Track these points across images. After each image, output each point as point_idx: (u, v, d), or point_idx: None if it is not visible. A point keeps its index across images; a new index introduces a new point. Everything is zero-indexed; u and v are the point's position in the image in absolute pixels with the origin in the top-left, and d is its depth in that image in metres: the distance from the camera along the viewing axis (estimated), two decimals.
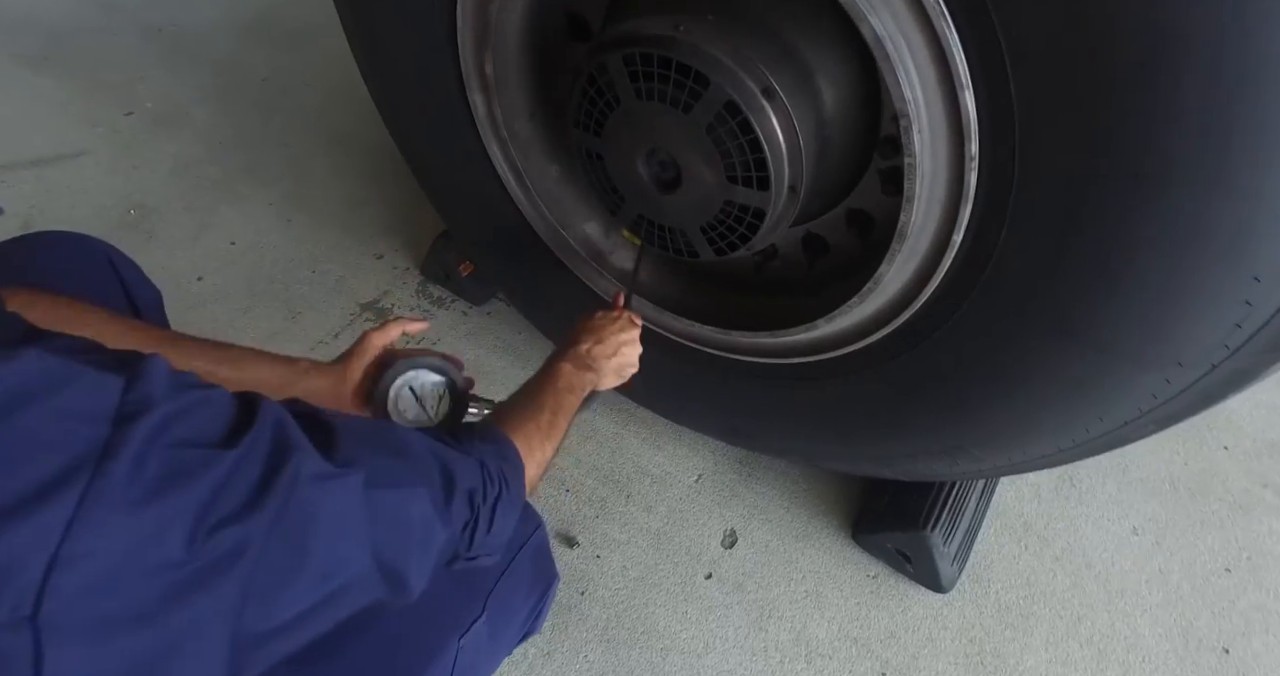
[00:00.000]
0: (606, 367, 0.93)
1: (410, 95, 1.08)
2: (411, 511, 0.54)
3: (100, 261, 0.81)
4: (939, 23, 0.63)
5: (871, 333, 0.94)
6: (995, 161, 0.71)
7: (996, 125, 0.68)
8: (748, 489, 1.39)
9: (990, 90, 0.66)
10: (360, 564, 0.49)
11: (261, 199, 1.64)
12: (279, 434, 0.45)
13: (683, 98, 0.78)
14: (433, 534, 0.56)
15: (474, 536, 0.62)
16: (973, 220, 0.76)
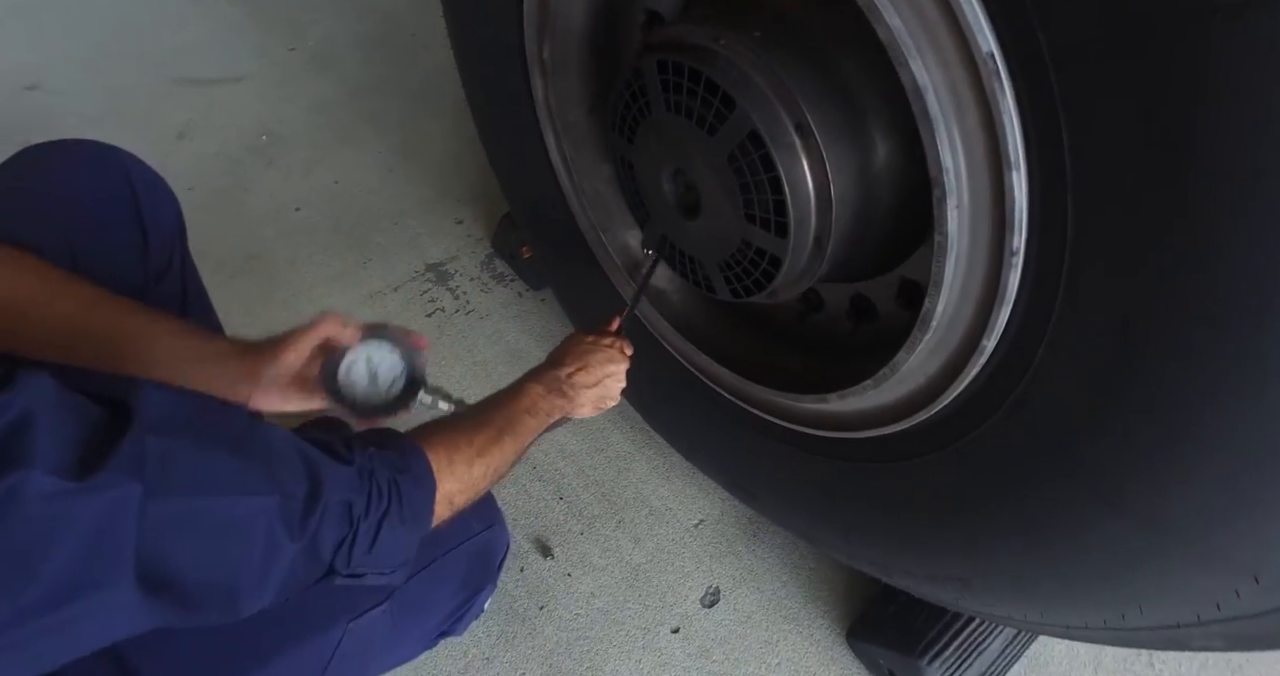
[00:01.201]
0: (584, 397, 0.86)
1: (483, 68, 1.07)
2: (245, 520, 0.49)
3: (117, 177, 0.82)
4: (991, 82, 0.50)
5: (880, 425, 0.81)
6: (1042, 264, 0.56)
7: (1048, 220, 0.54)
8: (748, 549, 1.28)
9: (1045, 176, 0.52)
10: (112, 589, 0.42)
11: (374, 146, 1.71)
12: (16, 430, 0.39)
13: (709, 117, 0.69)
14: (277, 546, 0.51)
15: (351, 553, 0.56)
16: (1009, 327, 0.62)
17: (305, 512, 0.52)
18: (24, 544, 0.38)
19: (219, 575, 0.48)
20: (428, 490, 0.64)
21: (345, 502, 0.56)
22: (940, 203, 0.58)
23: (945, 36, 0.52)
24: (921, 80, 0.53)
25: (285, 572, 0.52)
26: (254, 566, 0.50)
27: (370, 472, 0.58)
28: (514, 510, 1.29)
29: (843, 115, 0.66)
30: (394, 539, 0.59)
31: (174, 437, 0.46)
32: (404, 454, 0.64)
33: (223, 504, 0.47)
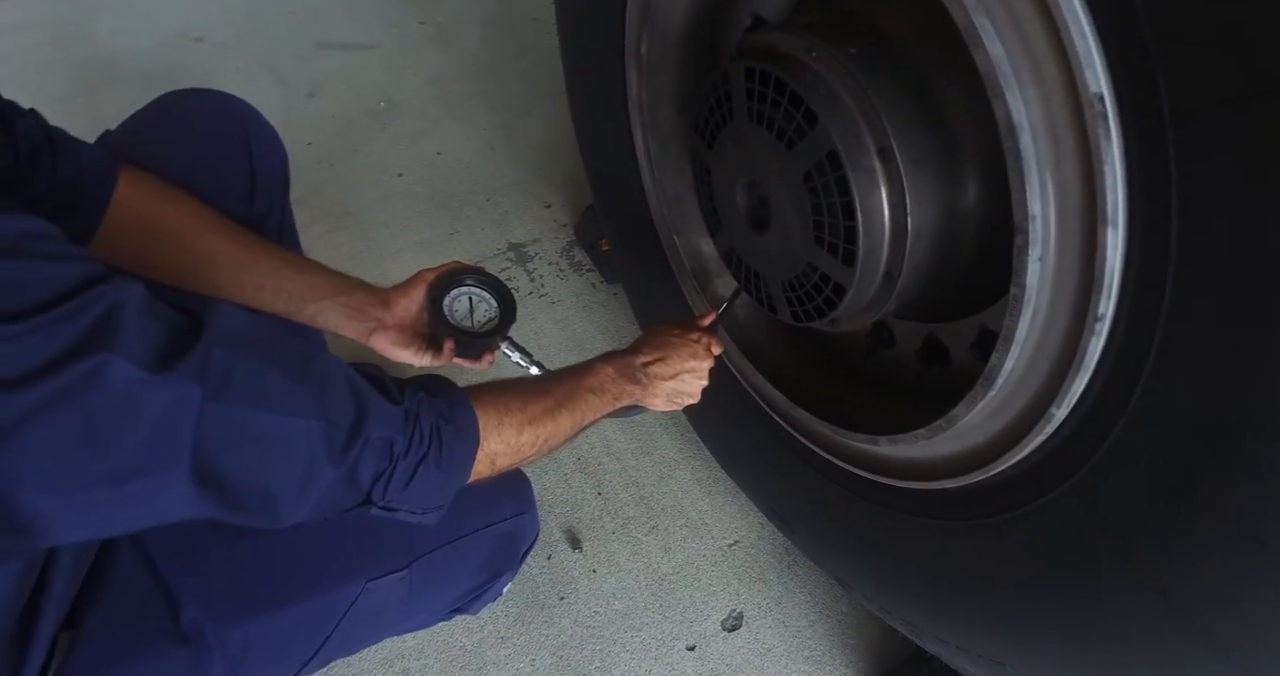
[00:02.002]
0: (658, 388, 0.85)
1: (583, 58, 1.06)
2: (291, 439, 0.52)
3: (236, 126, 0.89)
4: (1096, 127, 0.44)
5: (929, 479, 0.75)
6: (1130, 334, 0.50)
7: (1142, 287, 0.48)
8: (779, 580, 1.23)
9: (1146, 237, 0.46)
10: (170, 475, 0.47)
11: (480, 123, 1.76)
12: (108, 319, 0.44)
13: (789, 131, 0.66)
14: (318, 468, 0.54)
15: (387, 487, 0.59)
16: (1084, 398, 0.56)
17: (347, 443, 0.55)
18: (103, 421, 0.43)
19: (262, 483, 0.52)
20: (470, 444, 0.65)
21: (387, 440, 0.58)
22: (1021, 252, 0.53)
23: (1051, 70, 0.47)
24: (1017, 116, 0.48)
25: (322, 494, 0.56)
26: (294, 482, 0.54)
27: (416, 416, 0.60)
28: (551, 497, 1.30)
29: (931, 146, 0.61)
30: (429, 482, 0.61)
31: (238, 353, 0.50)
32: (453, 405, 0.65)
33: (271, 420, 0.51)
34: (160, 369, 0.45)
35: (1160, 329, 0.48)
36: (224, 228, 0.81)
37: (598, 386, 0.79)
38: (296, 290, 0.82)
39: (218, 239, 0.80)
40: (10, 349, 0.40)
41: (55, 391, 0.41)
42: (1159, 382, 0.50)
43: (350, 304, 0.86)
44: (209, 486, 0.49)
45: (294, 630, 0.74)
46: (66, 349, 0.42)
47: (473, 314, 0.91)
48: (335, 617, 0.78)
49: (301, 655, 0.77)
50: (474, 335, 0.90)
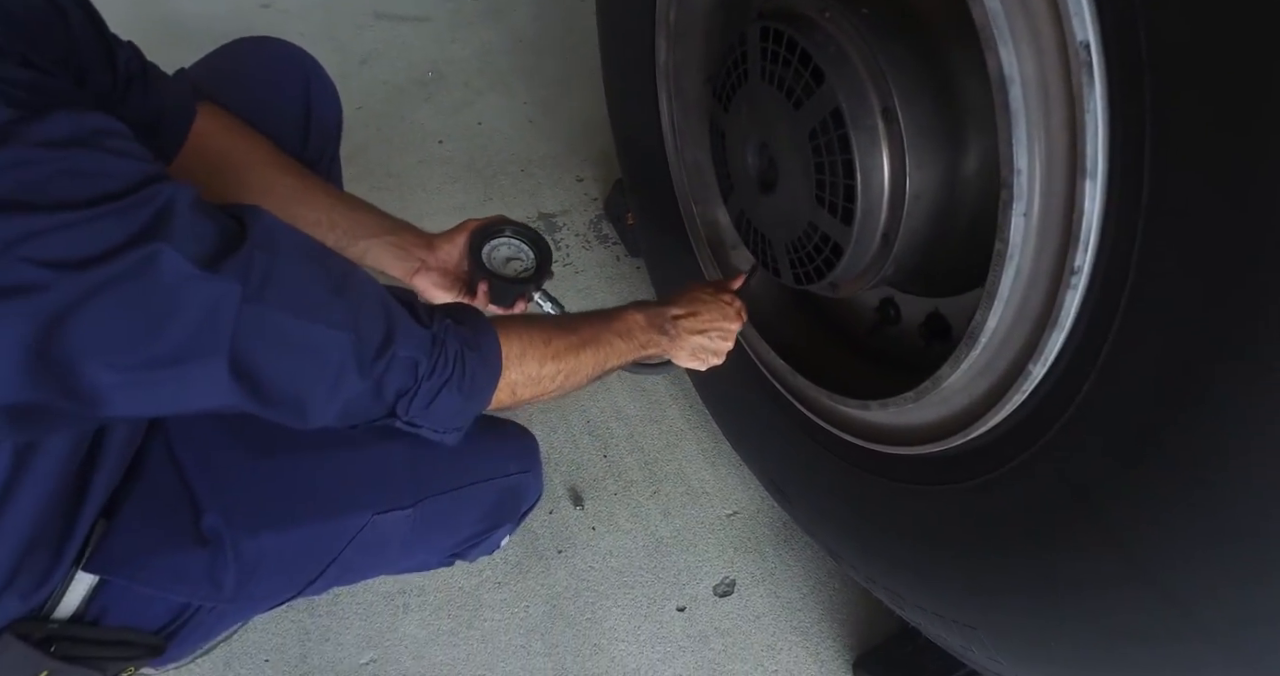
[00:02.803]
0: (686, 342, 0.86)
1: (616, 25, 1.09)
2: (323, 347, 0.56)
3: (297, 73, 0.94)
4: (1080, 76, 0.46)
5: (916, 443, 0.76)
6: (1104, 288, 0.51)
7: (1117, 240, 0.49)
8: (774, 552, 1.25)
9: (1122, 189, 0.47)
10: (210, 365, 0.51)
11: (522, 96, 1.80)
12: (164, 213, 0.47)
13: (797, 90, 0.68)
14: (345, 378, 0.58)
15: (411, 404, 0.63)
16: (1061, 356, 0.57)
17: (375, 357, 0.59)
18: (155, 307, 0.47)
19: (292, 384, 0.56)
20: (492, 372, 0.68)
21: (413, 360, 0.61)
22: (1006, 207, 0.54)
23: (1045, 24, 0.48)
24: (1009, 69, 0.50)
25: (348, 402, 0.59)
26: (322, 388, 0.57)
27: (443, 340, 0.64)
28: (558, 455, 1.33)
29: (934, 109, 0.63)
30: (450, 404, 0.65)
31: (278, 258, 0.54)
32: (478, 333, 0.68)
33: (305, 327, 0.54)
34: (208, 265, 0.49)
35: (1130, 282, 0.49)
36: (285, 163, 0.87)
37: (625, 331, 0.80)
38: (349, 226, 0.88)
39: (279, 173, 0.86)
40: (76, 234, 0.44)
41: (114, 275, 0.45)
42: (1126, 338, 0.51)
43: (397, 243, 0.91)
44: (243, 380, 0.53)
45: (302, 549, 0.79)
46: (126, 237, 0.46)
47: (510, 263, 0.96)
48: (340, 544, 0.82)
49: (306, 575, 0.81)
50: (508, 281, 0.95)
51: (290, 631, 1.15)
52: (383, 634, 1.15)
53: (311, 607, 1.17)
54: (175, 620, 0.73)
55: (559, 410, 1.39)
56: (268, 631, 1.14)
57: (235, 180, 0.83)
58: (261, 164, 0.85)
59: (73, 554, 0.65)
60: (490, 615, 1.18)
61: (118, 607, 0.69)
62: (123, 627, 0.70)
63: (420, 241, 0.93)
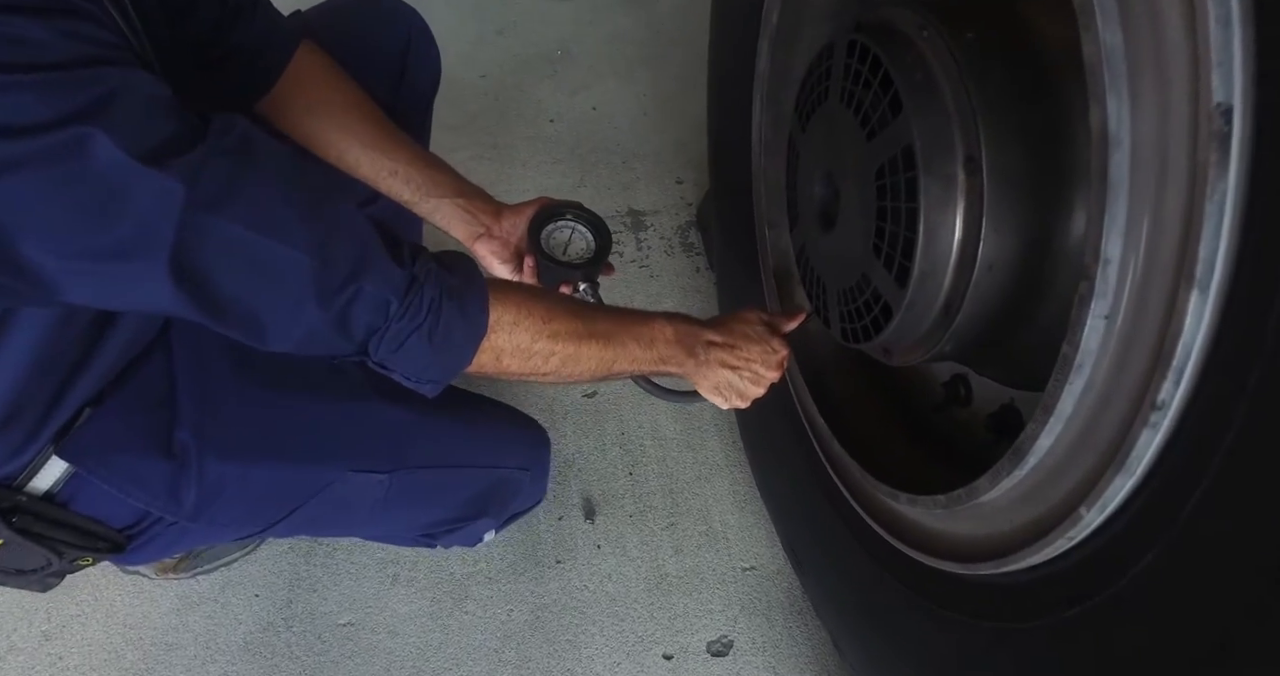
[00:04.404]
0: (712, 374, 0.77)
1: (725, 27, 1.00)
2: (279, 267, 0.53)
3: (399, 31, 0.95)
4: (1208, 151, 0.33)
5: (938, 556, 0.64)
6: (1195, 436, 0.38)
7: (1223, 380, 0.36)
8: (784, 622, 1.13)
9: (1241, 313, 0.34)
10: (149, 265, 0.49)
11: (641, 88, 1.75)
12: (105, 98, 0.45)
13: (873, 119, 0.57)
14: (305, 304, 0.55)
15: (380, 345, 0.60)
16: (1124, 509, 0.43)
17: (339, 287, 0.55)
18: (89, 195, 0.46)
19: (247, 302, 0.54)
20: (472, 328, 0.63)
21: (383, 298, 0.58)
22: (1084, 304, 0.42)
23: (1178, 71, 0.36)
24: (1115, 127, 0.37)
25: (310, 330, 0.57)
26: (280, 311, 0.55)
27: (421, 284, 0.60)
28: (582, 460, 1.27)
29: (1031, 163, 0.50)
30: (419, 352, 0.61)
31: (244, 170, 0.51)
32: (467, 285, 0.63)
33: (263, 243, 0.52)
34: (149, 161, 0.46)
35: (1232, 437, 0.36)
36: (372, 112, 0.87)
37: (647, 337, 0.73)
38: (422, 182, 0.87)
39: (365, 123, 0.86)
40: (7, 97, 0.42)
41: (39, 151, 0.43)
42: (1214, 510, 0.38)
43: (466, 206, 0.90)
44: (189, 287, 0.51)
45: (268, 487, 0.78)
46: (55, 114, 0.44)
47: (567, 246, 0.93)
48: (308, 492, 0.81)
49: (269, 514, 0.80)
50: (555, 262, 0.90)
51: (284, 573, 1.16)
52: (367, 599, 1.14)
53: (309, 554, 1.18)
54: (139, 523, 0.74)
55: (595, 413, 1.33)
56: (264, 568, 1.16)
57: (323, 119, 0.84)
58: (350, 108, 0.85)
59: (49, 435, 0.66)
60: (473, 609, 1.14)
61: (86, 497, 0.70)
62: (87, 517, 0.70)
63: (489, 209, 0.91)
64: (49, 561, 0.68)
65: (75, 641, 1.09)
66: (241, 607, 1.13)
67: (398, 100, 0.97)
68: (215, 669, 1.08)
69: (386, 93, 0.95)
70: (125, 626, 1.11)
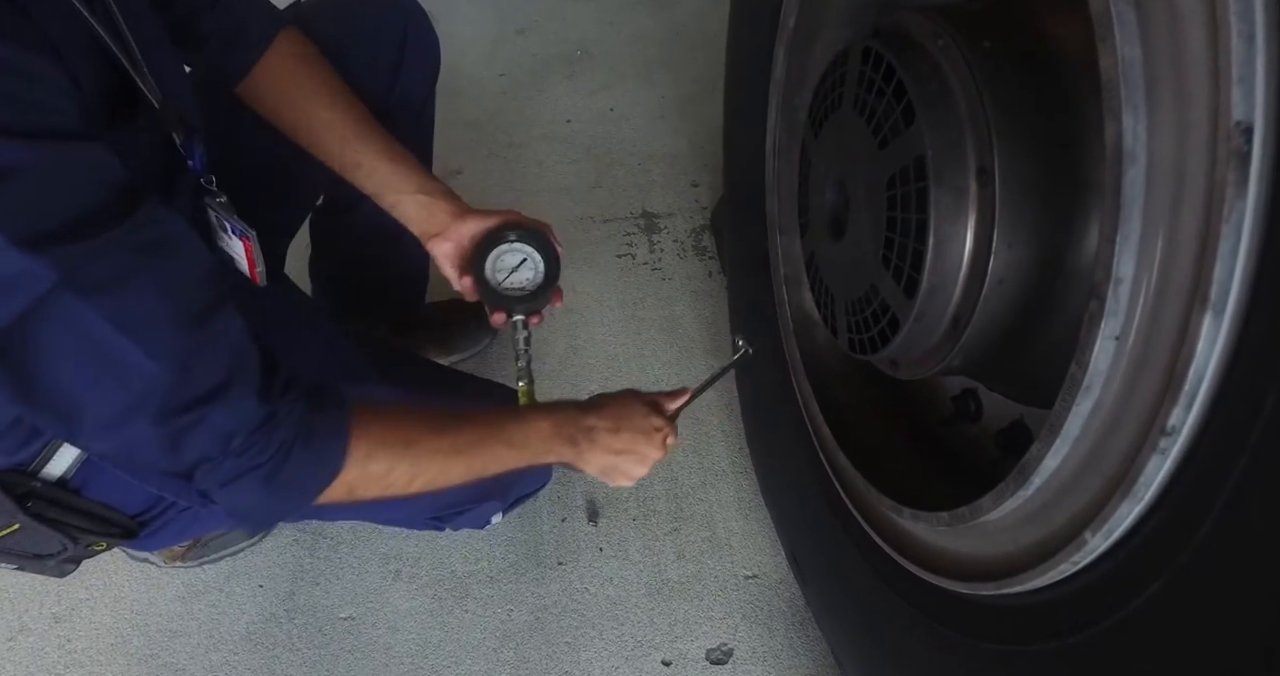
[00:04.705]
0: (595, 459, 0.77)
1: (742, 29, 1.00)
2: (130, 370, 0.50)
3: (395, 24, 0.95)
4: (1226, 170, 0.32)
5: (940, 573, 0.63)
6: (1206, 463, 0.37)
7: (1236, 407, 0.34)
8: (785, 632, 1.12)
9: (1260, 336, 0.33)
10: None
11: (660, 90, 1.74)
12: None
13: (885, 128, 0.56)
14: (138, 415, 0.51)
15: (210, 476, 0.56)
16: (1131, 536, 0.42)
17: (184, 408, 0.52)
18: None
19: (75, 394, 0.50)
20: (319, 473, 0.61)
21: (228, 431, 0.54)
22: (1093, 323, 0.40)
23: (1199, 87, 0.34)
24: (1130, 142, 0.36)
25: (131, 442, 0.53)
26: (106, 411, 0.51)
27: (276, 424, 0.56)
28: None
29: (1047, 177, 0.49)
30: (251, 492, 0.57)
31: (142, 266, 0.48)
32: (328, 428, 0.60)
33: (120, 342, 0.48)
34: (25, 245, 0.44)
35: (1243, 466, 0.34)
36: (349, 104, 0.87)
37: (519, 438, 0.73)
38: (386, 177, 0.86)
39: (339, 113, 0.85)
40: None
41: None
42: (1224, 540, 0.36)
43: (428, 205, 0.87)
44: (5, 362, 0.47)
45: None
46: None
47: (513, 272, 0.88)
48: None
49: None
50: (488, 289, 0.86)
51: (287, 565, 1.17)
52: (368, 594, 1.15)
53: (312, 547, 1.19)
54: (151, 509, 0.75)
55: None
56: (269, 559, 1.17)
57: (297, 111, 0.84)
58: (326, 99, 0.85)
59: None
60: (473, 608, 1.14)
61: (99, 483, 0.71)
62: (100, 503, 0.71)
63: (451, 210, 0.87)
64: (64, 546, 0.69)
65: (84, 624, 1.11)
66: (245, 597, 1.14)
67: (394, 92, 0.98)
68: (218, 657, 1.09)
69: (383, 84, 0.95)
70: (132, 612, 1.12)
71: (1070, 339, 0.54)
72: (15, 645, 1.09)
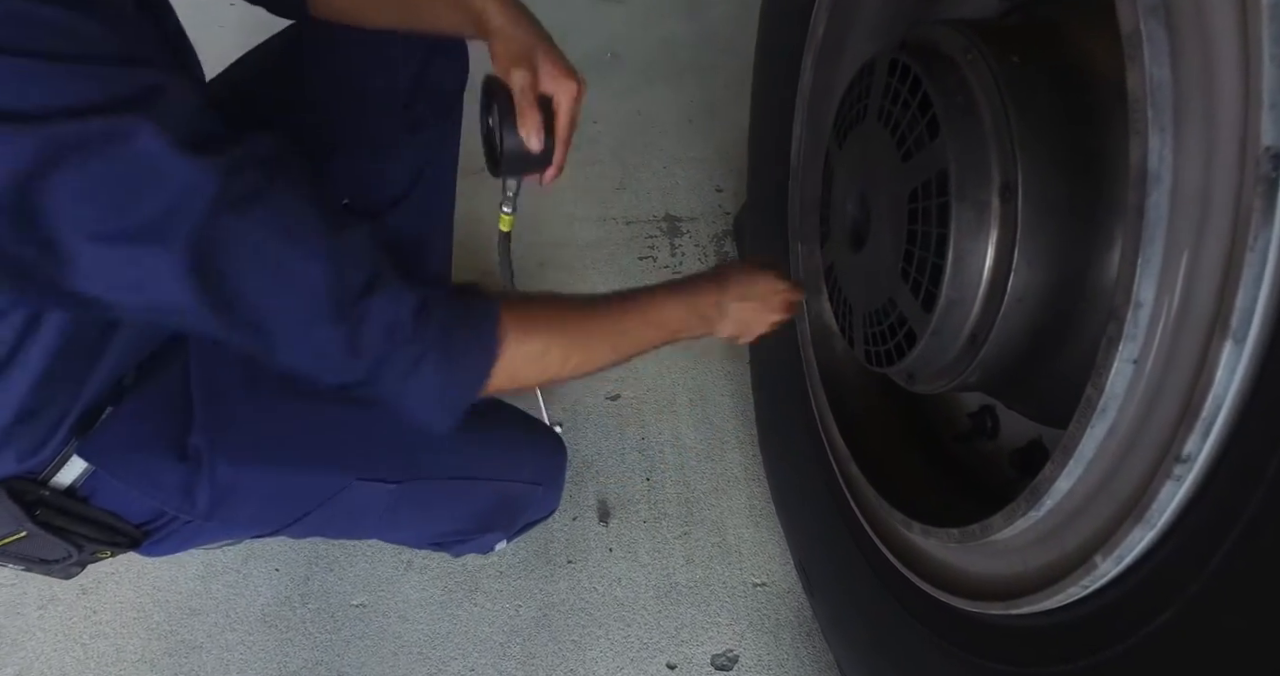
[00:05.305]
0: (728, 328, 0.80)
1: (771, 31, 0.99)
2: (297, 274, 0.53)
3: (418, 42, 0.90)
4: (1253, 196, 0.31)
5: (946, 590, 0.62)
6: (1220, 496, 0.36)
7: (1254, 438, 0.34)
8: (791, 642, 1.11)
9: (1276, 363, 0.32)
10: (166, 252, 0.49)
11: (690, 94, 1.74)
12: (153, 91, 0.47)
13: (909, 140, 0.56)
14: (319, 316, 0.55)
15: (389, 372, 0.59)
16: (1143, 562, 0.42)
17: (352, 302, 0.55)
18: (135, 178, 0.47)
19: (259, 305, 0.54)
20: (482, 356, 0.63)
21: (393, 322, 0.57)
22: (1111, 346, 0.40)
23: (1228, 110, 0.34)
24: (1155, 164, 0.36)
25: (320, 347, 0.56)
26: (293, 319, 0.55)
27: (429, 310, 0.59)
28: (601, 462, 1.27)
29: (1071, 195, 0.48)
30: (430, 379, 0.60)
31: (275, 179, 0.52)
32: (481, 314, 0.63)
33: (283, 250, 0.53)
34: (188, 151, 0.48)
35: (1264, 494, 0.34)
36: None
37: (658, 321, 0.74)
38: None
39: None
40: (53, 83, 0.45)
41: (87, 133, 0.45)
42: (1242, 567, 0.36)
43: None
44: (204, 281, 0.51)
45: (277, 492, 0.79)
46: (106, 101, 0.46)
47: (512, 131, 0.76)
48: (317, 498, 0.81)
49: (281, 517, 0.81)
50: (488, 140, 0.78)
51: (304, 550, 1.19)
52: (381, 583, 1.16)
53: None
54: (155, 520, 0.76)
55: (617, 416, 1.33)
56: (285, 544, 1.19)
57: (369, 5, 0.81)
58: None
59: (66, 431, 0.68)
60: (483, 602, 1.15)
61: (106, 492, 0.72)
62: (107, 512, 0.73)
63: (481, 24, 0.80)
64: (69, 553, 0.71)
65: (109, 598, 1.14)
66: (261, 580, 1.16)
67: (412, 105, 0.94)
68: (234, 637, 1.11)
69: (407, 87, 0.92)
70: (154, 588, 1.15)
71: (1088, 360, 0.54)
72: (45, 614, 1.13)
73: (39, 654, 1.09)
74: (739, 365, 1.37)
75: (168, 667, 1.08)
